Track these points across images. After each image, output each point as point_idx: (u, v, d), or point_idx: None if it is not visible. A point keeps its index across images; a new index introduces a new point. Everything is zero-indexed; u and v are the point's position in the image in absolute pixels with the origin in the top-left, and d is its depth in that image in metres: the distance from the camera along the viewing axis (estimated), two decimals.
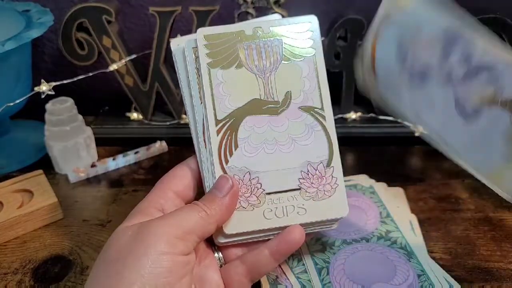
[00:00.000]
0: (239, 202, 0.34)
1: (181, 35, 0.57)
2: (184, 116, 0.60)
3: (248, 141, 0.34)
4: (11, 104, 0.51)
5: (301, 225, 0.34)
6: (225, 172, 0.34)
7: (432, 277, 0.38)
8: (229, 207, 0.33)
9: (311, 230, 0.35)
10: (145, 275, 0.27)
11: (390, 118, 0.58)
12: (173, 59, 0.36)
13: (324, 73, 0.35)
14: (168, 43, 0.56)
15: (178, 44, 0.36)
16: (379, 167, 0.36)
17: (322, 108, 0.35)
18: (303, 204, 0.34)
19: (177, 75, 0.36)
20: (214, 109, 0.34)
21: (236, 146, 0.34)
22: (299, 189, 0.34)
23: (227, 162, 0.34)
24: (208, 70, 0.35)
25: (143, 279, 0.27)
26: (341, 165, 0.35)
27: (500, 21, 0.53)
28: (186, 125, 0.61)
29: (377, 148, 0.58)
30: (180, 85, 0.36)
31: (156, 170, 0.56)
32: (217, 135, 0.34)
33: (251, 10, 0.55)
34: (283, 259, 0.34)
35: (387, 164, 0.36)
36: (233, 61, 0.35)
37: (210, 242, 0.35)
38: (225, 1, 0.54)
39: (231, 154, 0.34)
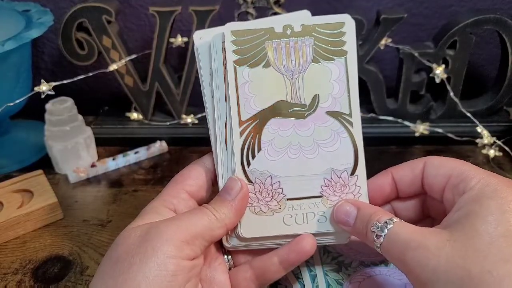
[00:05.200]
0: (259, 206, 0.33)
1: (181, 35, 0.58)
2: (184, 116, 0.60)
3: (272, 144, 0.33)
4: (11, 104, 0.51)
5: (316, 235, 0.33)
6: (246, 175, 0.33)
7: None
8: (238, 210, 0.32)
9: (324, 242, 0.34)
10: (151, 277, 0.27)
11: (390, 118, 0.58)
12: (195, 53, 0.35)
13: (356, 77, 0.34)
14: (168, 43, 0.56)
15: (200, 37, 0.35)
16: (379, 167, 0.36)
17: (350, 114, 0.34)
18: (324, 212, 0.33)
19: (199, 71, 0.35)
20: (239, 109, 0.33)
21: (259, 149, 0.33)
22: (321, 196, 0.33)
23: (249, 164, 0.33)
24: (234, 68, 0.33)
25: (149, 281, 0.27)
26: (365, 174, 0.34)
27: (500, 21, 0.53)
28: (186, 125, 0.61)
29: (377, 148, 0.58)
30: (200, 81, 0.35)
31: (156, 170, 0.56)
32: (240, 136, 0.33)
33: (251, 10, 0.55)
34: (292, 268, 0.34)
35: (387, 164, 0.35)
36: (261, 60, 0.33)
37: (221, 244, 0.35)
38: (225, 1, 0.54)
39: (253, 157, 0.33)
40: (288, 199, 0.33)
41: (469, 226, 0.26)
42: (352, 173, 0.34)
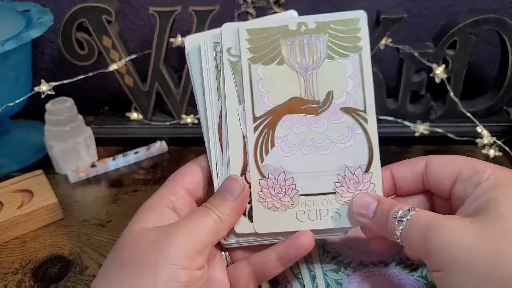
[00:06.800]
0: (272, 202, 0.33)
1: (181, 35, 0.58)
2: (184, 116, 0.60)
3: (285, 141, 0.33)
4: (11, 104, 0.51)
5: (327, 231, 0.33)
6: (260, 170, 0.33)
7: None
8: (239, 211, 0.32)
9: (323, 236, 0.34)
10: (161, 287, 0.27)
11: (390, 118, 0.58)
12: (186, 57, 0.35)
13: (370, 73, 0.34)
14: (168, 43, 0.56)
15: (191, 42, 0.35)
16: None
17: (364, 111, 0.34)
18: (337, 209, 0.33)
19: (190, 73, 0.35)
20: (253, 106, 0.33)
21: (273, 145, 0.33)
22: (335, 193, 0.33)
23: (262, 160, 0.33)
24: (248, 65, 0.34)
25: None
26: (380, 172, 0.33)
27: (500, 21, 0.53)
28: (186, 125, 0.61)
29: None
30: (192, 83, 0.35)
31: (156, 170, 0.56)
32: (254, 132, 0.33)
33: (251, 10, 0.55)
34: (290, 263, 0.34)
35: (387, 164, 0.36)
36: (275, 57, 0.34)
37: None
38: (225, 1, 0.54)
39: (267, 153, 0.33)
40: (301, 195, 0.33)
41: (492, 210, 0.26)
42: (367, 170, 0.33)
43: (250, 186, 0.33)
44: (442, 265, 0.26)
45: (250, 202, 0.34)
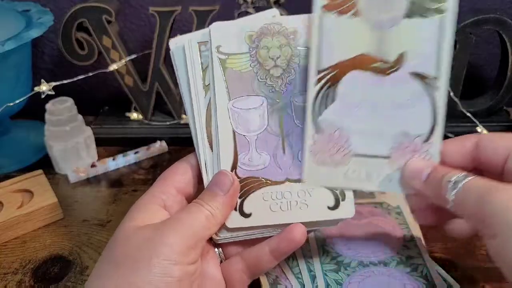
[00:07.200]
0: (324, 157, 0.33)
1: (181, 35, 0.58)
2: (184, 116, 0.60)
3: (347, 97, 0.32)
4: (11, 104, 0.51)
5: (306, 223, 0.33)
6: (316, 124, 0.32)
7: None
8: (230, 205, 0.32)
9: (315, 228, 0.34)
10: (154, 283, 0.27)
11: None
12: (172, 58, 0.36)
13: (450, 39, 0.31)
14: (168, 43, 0.56)
15: (176, 43, 0.36)
16: None
17: (436, 78, 0.31)
18: (388, 174, 0.33)
19: (176, 75, 0.35)
20: (318, 57, 0.32)
21: (333, 100, 0.32)
22: (389, 157, 0.32)
23: (320, 114, 0.32)
24: (320, 14, 0.31)
25: (153, 287, 0.27)
26: (440, 144, 0.32)
27: (500, 21, 0.53)
28: (186, 125, 0.60)
29: None
30: (179, 84, 0.36)
31: (156, 170, 0.56)
32: (316, 85, 0.32)
33: (251, 10, 0.55)
34: (283, 257, 0.34)
35: None
36: (350, 8, 0.31)
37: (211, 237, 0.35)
38: (225, 1, 0.54)
39: (326, 107, 0.32)
40: (354, 155, 0.33)
41: None
42: (426, 140, 0.32)
43: (303, 139, 0.33)
44: (498, 230, 0.26)
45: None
